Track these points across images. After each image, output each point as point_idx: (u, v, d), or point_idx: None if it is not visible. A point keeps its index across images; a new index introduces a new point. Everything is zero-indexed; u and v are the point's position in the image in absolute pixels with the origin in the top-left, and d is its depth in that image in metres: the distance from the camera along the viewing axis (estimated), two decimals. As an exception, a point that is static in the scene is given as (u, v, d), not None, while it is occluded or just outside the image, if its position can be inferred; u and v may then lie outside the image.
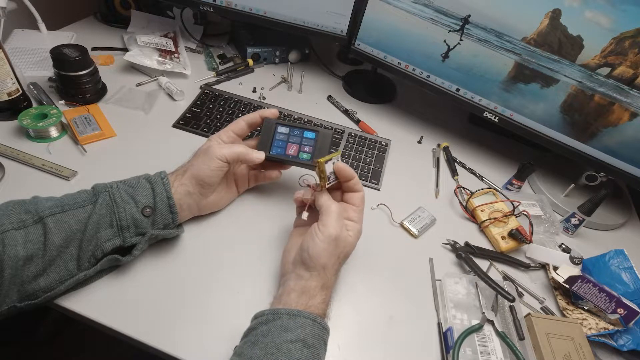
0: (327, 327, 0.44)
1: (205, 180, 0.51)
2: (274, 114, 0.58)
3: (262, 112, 0.57)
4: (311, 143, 0.57)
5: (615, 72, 0.61)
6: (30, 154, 0.62)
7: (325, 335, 0.43)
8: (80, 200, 0.46)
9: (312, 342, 0.40)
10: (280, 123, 0.58)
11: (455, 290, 0.54)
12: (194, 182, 0.51)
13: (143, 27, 0.94)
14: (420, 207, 0.66)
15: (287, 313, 0.42)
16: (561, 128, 0.69)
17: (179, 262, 0.52)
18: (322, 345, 0.42)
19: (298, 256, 0.47)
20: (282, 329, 0.40)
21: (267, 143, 0.57)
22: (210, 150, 0.51)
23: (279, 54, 0.96)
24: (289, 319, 0.41)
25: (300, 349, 0.39)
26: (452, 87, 0.77)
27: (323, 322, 0.43)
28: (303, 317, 0.42)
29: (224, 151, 0.51)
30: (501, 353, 0.48)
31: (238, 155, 0.52)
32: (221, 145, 0.52)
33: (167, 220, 0.50)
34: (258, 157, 0.54)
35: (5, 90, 0.65)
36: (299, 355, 0.39)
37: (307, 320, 0.41)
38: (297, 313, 0.42)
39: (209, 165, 0.51)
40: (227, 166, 0.52)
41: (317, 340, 0.41)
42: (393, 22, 0.77)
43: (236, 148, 0.52)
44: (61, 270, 0.44)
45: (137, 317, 0.46)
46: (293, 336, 0.40)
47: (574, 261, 0.60)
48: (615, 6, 0.57)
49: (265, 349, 0.39)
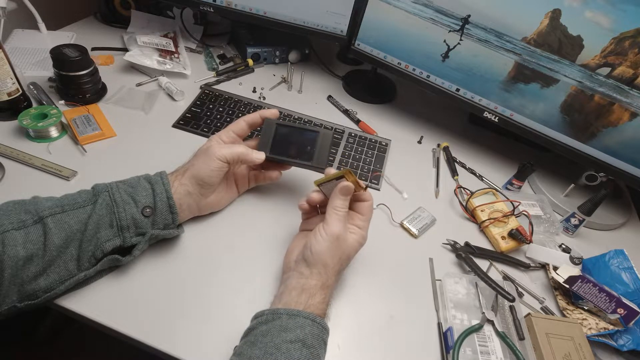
0: (326, 327, 0.44)
1: (205, 181, 0.51)
2: (275, 114, 0.58)
3: (262, 113, 0.57)
4: (311, 144, 0.57)
5: (615, 72, 0.61)
6: (30, 154, 0.62)
7: (325, 335, 0.43)
8: (80, 200, 0.46)
9: (311, 342, 0.40)
10: (280, 123, 0.58)
11: (455, 290, 0.54)
12: (194, 182, 0.51)
13: (143, 27, 0.94)
14: (420, 207, 0.66)
15: (287, 313, 0.42)
16: (561, 128, 0.69)
17: (179, 262, 0.52)
18: (321, 345, 0.42)
19: (301, 254, 0.48)
20: (282, 329, 0.40)
21: (267, 143, 0.57)
22: (211, 151, 0.51)
23: (279, 54, 0.97)
24: (288, 319, 0.41)
25: (299, 349, 0.39)
26: (452, 87, 0.77)
27: (323, 322, 0.43)
28: (302, 317, 0.42)
29: (224, 151, 0.51)
30: (501, 353, 0.48)
31: (238, 155, 0.52)
32: (221, 146, 0.52)
33: (167, 221, 0.50)
34: (258, 158, 0.54)
35: (5, 90, 0.65)
36: (298, 355, 0.39)
37: (306, 320, 0.41)
38: (297, 313, 0.42)
39: (209, 166, 0.51)
40: (227, 166, 0.52)
41: (317, 340, 0.41)
42: (393, 22, 0.77)
43: (236, 148, 0.52)
44: (61, 271, 0.44)
45: (137, 317, 0.46)
46: (292, 336, 0.40)
47: (574, 261, 0.60)
48: (615, 6, 0.57)
49: (265, 348, 0.39)
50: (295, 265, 0.47)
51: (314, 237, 0.47)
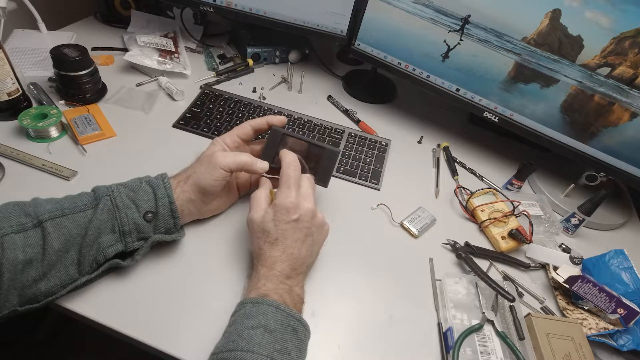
0: (293, 313, 0.43)
1: (207, 190, 0.51)
2: (282, 122, 0.57)
3: (269, 119, 0.56)
4: (316, 159, 0.56)
5: (615, 72, 0.61)
6: (30, 154, 0.62)
7: (292, 321, 0.42)
8: (80, 203, 0.46)
9: (274, 327, 0.40)
10: (287, 133, 0.56)
11: (455, 290, 0.54)
12: (196, 190, 0.51)
13: (143, 27, 0.94)
14: (420, 207, 0.66)
15: (251, 302, 0.43)
16: (561, 128, 0.69)
17: (179, 262, 0.52)
18: (287, 330, 0.41)
19: None
20: (244, 317, 0.41)
21: (271, 153, 0.56)
22: (214, 159, 0.50)
23: (279, 54, 0.97)
24: (252, 307, 0.42)
25: (261, 334, 0.39)
26: (452, 87, 0.77)
27: (287, 308, 0.43)
28: (265, 304, 0.42)
29: (228, 161, 0.50)
30: (501, 353, 0.48)
31: (242, 165, 0.52)
32: (225, 154, 0.51)
33: (169, 225, 0.50)
34: (262, 168, 0.53)
35: (5, 90, 0.65)
36: (259, 339, 0.39)
37: (269, 307, 0.42)
38: (260, 301, 0.43)
39: (212, 175, 0.50)
40: (229, 175, 0.52)
41: (281, 326, 0.41)
42: (393, 22, 0.77)
43: (240, 157, 0.52)
44: (62, 275, 0.44)
45: (137, 317, 0.46)
46: (254, 322, 0.40)
47: (574, 261, 0.60)
48: (615, 6, 0.57)
49: (228, 337, 0.40)
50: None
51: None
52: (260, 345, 0.38)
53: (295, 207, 0.48)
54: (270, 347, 0.39)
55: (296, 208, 0.48)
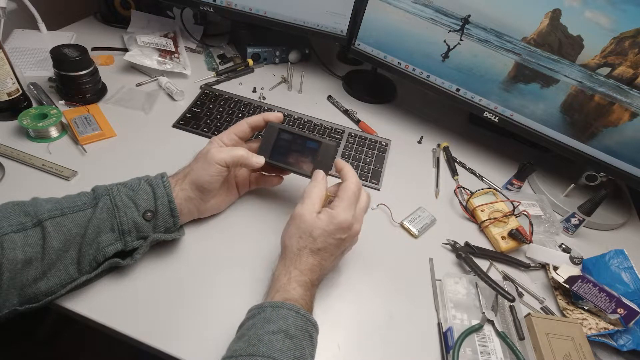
0: (311, 319, 0.43)
1: (204, 187, 0.51)
2: (279, 118, 0.57)
3: (266, 116, 0.56)
4: (313, 153, 0.56)
5: (615, 72, 0.61)
6: (30, 154, 0.62)
7: (309, 327, 0.42)
8: (80, 203, 0.46)
9: (294, 332, 0.40)
10: (283, 129, 0.56)
11: (455, 290, 0.54)
12: (194, 188, 0.51)
13: (143, 27, 0.94)
14: (420, 207, 0.66)
15: (271, 305, 0.42)
16: (561, 128, 0.69)
17: (179, 262, 0.52)
18: (305, 336, 0.41)
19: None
20: (265, 321, 0.41)
21: (268, 148, 0.56)
22: (209, 155, 0.51)
23: (279, 54, 0.96)
24: (272, 311, 0.42)
25: (282, 339, 0.39)
26: (452, 87, 0.77)
27: (307, 314, 0.43)
28: (286, 308, 0.42)
29: (223, 155, 0.51)
30: (501, 353, 0.48)
31: (238, 159, 0.52)
32: (221, 150, 0.52)
33: (169, 224, 0.50)
34: (257, 162, 0.53)
35: (5, 90, 0.65)
36: (280, 345, 0.39)
37: (289, 311, 0.42)
38: (280, 305, 0.42)
39: (208, 171, 0.50)
40: (226, 171, 0.52)
41: (300, 332, 0.41)
42: (393, 22, 0.77)
43: (236, 152, 0.52)
44: (62, 274, 0.44)
45: (137, 317, 0.46)
46: (275, 327, 0.40)
47: (574, 261, 0.60)
48: (615, 6, 0.57)
49: (248, 341, 0.39)
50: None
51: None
52: (282, 351, 0.38)
53: (349, 227, 0.48)
54: (291, 353, 0.39)
55: (349, 229, 0.48)
